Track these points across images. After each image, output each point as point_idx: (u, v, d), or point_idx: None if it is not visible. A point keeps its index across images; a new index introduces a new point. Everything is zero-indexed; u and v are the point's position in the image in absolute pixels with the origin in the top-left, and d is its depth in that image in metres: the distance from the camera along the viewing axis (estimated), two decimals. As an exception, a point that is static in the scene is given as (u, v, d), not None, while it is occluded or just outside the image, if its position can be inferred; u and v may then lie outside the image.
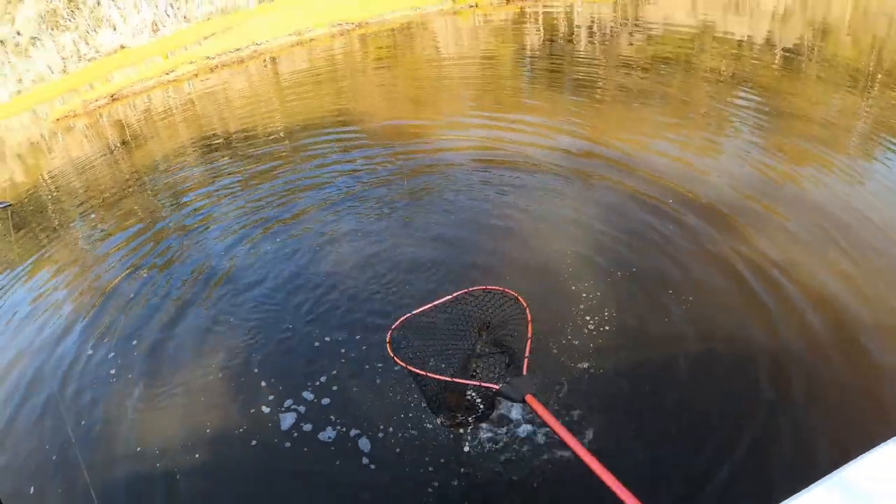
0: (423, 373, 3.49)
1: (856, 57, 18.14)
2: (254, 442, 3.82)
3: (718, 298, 4.42)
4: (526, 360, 3.25)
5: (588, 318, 4.37)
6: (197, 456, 3.83)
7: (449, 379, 3.41)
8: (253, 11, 26.90)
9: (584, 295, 4.60)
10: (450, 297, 4.00)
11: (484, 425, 3.71)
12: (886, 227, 5.10)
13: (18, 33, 32.76)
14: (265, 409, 4.05)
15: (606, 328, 4.27)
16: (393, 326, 3.90)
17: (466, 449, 3.71)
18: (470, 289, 3.91)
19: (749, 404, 3.54)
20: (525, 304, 3.66)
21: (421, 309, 4.01)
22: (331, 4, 23.49)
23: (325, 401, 4.06)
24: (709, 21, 21.79)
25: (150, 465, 3.85)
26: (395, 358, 3.57)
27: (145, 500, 3.66)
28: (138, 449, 4.01)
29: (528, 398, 2.83)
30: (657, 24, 20.86)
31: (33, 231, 9.04)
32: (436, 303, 3.98)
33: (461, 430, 3.74)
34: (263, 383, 4.32)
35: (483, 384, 3.17)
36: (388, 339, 3.73)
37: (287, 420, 3.93)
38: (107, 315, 5.75)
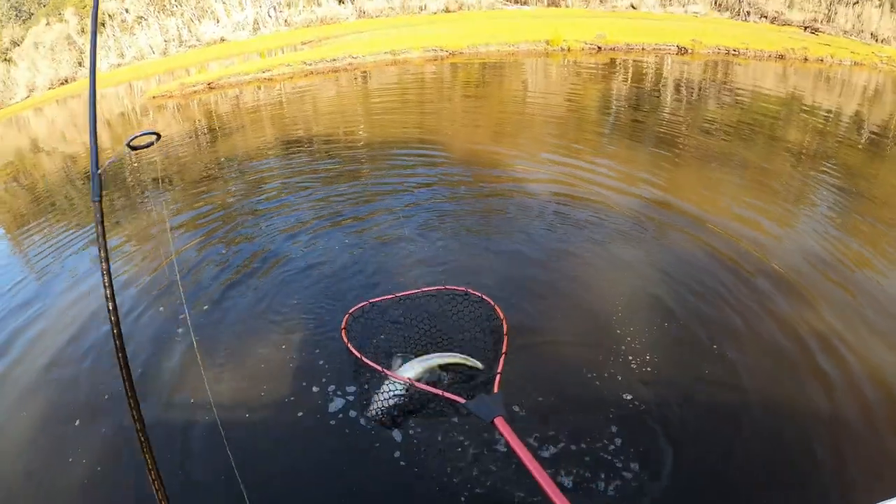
0: (382, 370, 3.23)
1: None
2: (300, 414, 3.89)
3: (774, 358, 4.40)
4: (498, 377, 3.04)
5: (631, 358, 4.31)
6: (246, 416, 3.94)
7: (410, 381, 3.20)
8: (352, 25, 27.72)
9: (630, 338, 4.53)
10: (422, 289, 3.84)
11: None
12: None
13: (127, 10, 34.48)
14: (315, 389, 4.09)
15: (649, 370, 4.21)
16: (350, 311, 3.76)
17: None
18: (447, 286, 3.75)
19: (793, 466, 3.49)
20: (502, 317, 3.51)
21: (386, 297, 3.83)
22: (427, 30, 24.01)
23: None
24: (798, 91, 21.47)
25: (201, 417, 3.95)
26: (350, 346, 3.40)
27: (193, 448, 3.72)
28: (192, 401, 4.11)
29: (498, 421, 2.59)
30: (745, 89, 20.63)
31: (111, 197, 9.31)
32: (405, 293, 3.79)
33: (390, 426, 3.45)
34: (321, 363, 4.35)
35: (448, 395, 2.92)
36: (343, 326, 3.62)
37: (336, 403, 3.94)
38: (170, 281, 5.93)
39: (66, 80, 32.36)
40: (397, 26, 25.62)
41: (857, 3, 48.76)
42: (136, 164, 11.21)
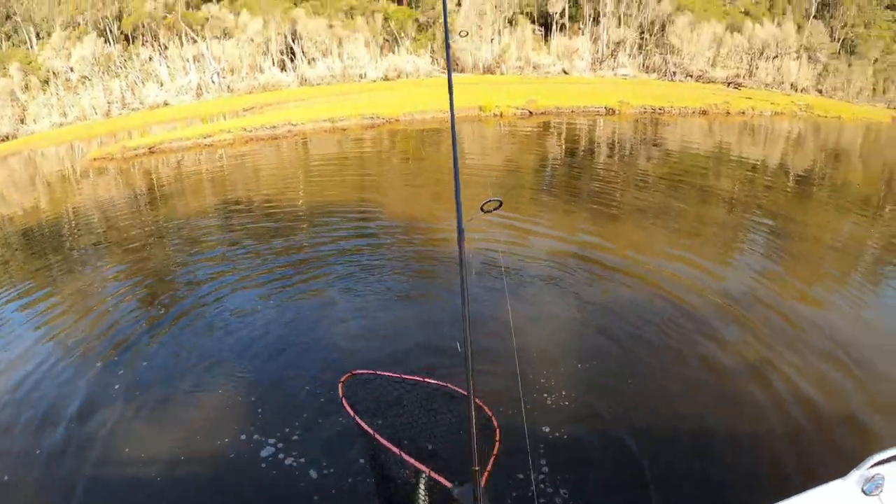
0: (376, 435, 3.29)
1: (866, 182, 19.11)
2: (232, 456, 4.34)
3: (713, 378, 5.39)
4: (487, 473, 2.99)
5: (574, 395, 4.98)
6: (181, 459, 4.37)
7: (399, 452, 3.23)
8: (293, 92, 28.61)
9: (574, 373, 5.24)
10: (424, 379, 3.96)
11: None
12: (864, 348, 6.23)
13: (72, 69, 34.69)
14: (252, 437, 4.55)
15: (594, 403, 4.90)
16: (354, 372, 3.91)
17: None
18: (449, 385, 3.85)
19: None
20: (496, 426, 3.59)
21: (389, 373, 3.96)
22: (366, 97, 25.02)
23: (299, 436, 4.56)
24: (724, 143, 23.00)
25: (135, 470, 4.31)
26: (347, 406, 3.51)
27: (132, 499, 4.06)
28: (127, 450, 4.50)
29: None
30: (673, 144, 22.00)
31: (47, 257, 9.60)
32: (406, 376, 3.92)
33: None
34: (259, 411, 4.83)
35: (435, 475, 2.93)
36: (341, 380, 3.78)
37: (267, 450, 4.38)
38: (106, 337, 6.31)
39: (7, 137, 32.13)
40: (337, 94, 26.66)
41: (777, 56, 52.47)
42: (75, 227, 11.49)
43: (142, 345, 6.18)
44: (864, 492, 2.98)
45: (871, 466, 3.11)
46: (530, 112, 26.07)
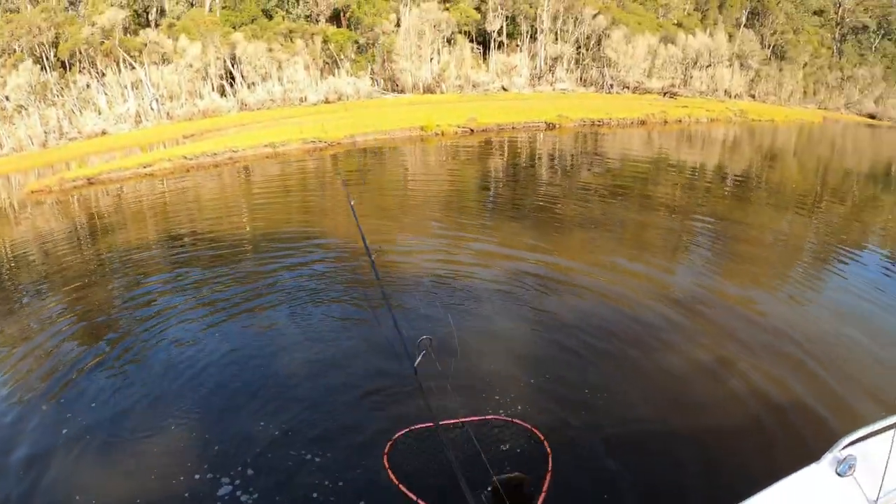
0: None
1: (802, 180, 20.06)
2: (187, 495, 4.47)
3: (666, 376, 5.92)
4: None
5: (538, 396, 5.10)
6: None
7: None
8: (234, 117, 28.67)
9: (531, 379, 5.43)
10: (467, 419, 3.62)
11: None
12: (813, 339, 6.96)
13: (7, 98, 33.89)
14: (206, 475, 4.68)
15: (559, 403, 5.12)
16: (396, 436, 3.53)
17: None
18: (490, 416, 3.52)
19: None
20: (549, 451, 3.32)
21: (425, 425, 3.57)
22: (307, 121, 25.27)
23: (255, 472, 4.71)
24: (663, 151, 23.84)
25: None
26: (395, 479, 3.19)
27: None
28: (77, 497, 4.54)
29: None
30: (615, 154, 22.66)
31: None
32: (447, 421, 3.55)
33: None
34: (213, 448, 4.97)
35: None
36: (385, 451, 3.41)
37: (223, 489, 4.52)
38: (51, 378, 6.29)
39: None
40: (278, 118, 26.84)
41: (710, 65, 54.57)
42: (13, 262, 11.41)
43: (87, 384, 6.12)
44: (837, 473, 3.12)
45: (843, 448, 3.27)
46: (471, 130, 26.71)
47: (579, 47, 47.34)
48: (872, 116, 66.47)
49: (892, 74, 72.13)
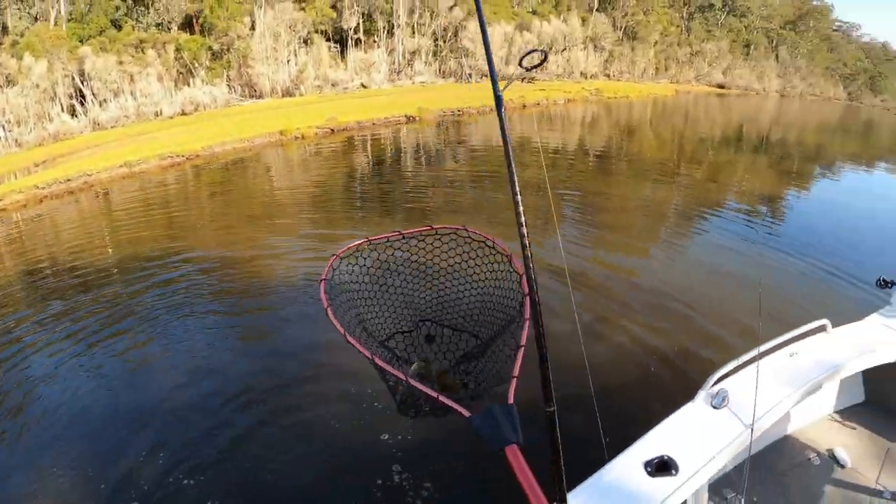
0: (372, 356, 2.24)
1: (659, 148, 21.91)
2: None
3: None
4: (514, 382, 2.20)
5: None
6: None
7: (396, 374, 2.30)
8: (88, 138, 27.95)
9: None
10: (414, 230, 2.92)
11: None
12: (685, 290, 8.20)
13: None
14: None
15: None
16: (338, 253, 2.79)
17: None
18: (439, 227, 2.88)
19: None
20: (526, 291, 2.43)
21: (378, 237, 2.83)
22: (164, 135, 25.22)
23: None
24: (524, 134, 25.72)
25: None
26: (334, 319, 2.50)
27: None
28: None
29: (509, 451, 1.86)
30: (477, 141, 24.00)
31: None
32: (398, 233, 2.88)
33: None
34: (100, 487, 5.05)
35: (446, 401, 2.09)
36: (323, 277, 2.69)
37: None
38: None
39: None
40: (133, 135, 26.33)
41: (565, 49, 57.61)
42: None
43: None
44: (713, 406, 3.37)
45: (714, 384, 3.55)
46: (332, 130, 27.49)
47: (437, 40, 48.82)
48: (721, 86, 73.21)
49: (737, 47, 79.66)
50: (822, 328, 4.29)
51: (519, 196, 2.27)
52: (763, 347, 3.52)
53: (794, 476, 4.01)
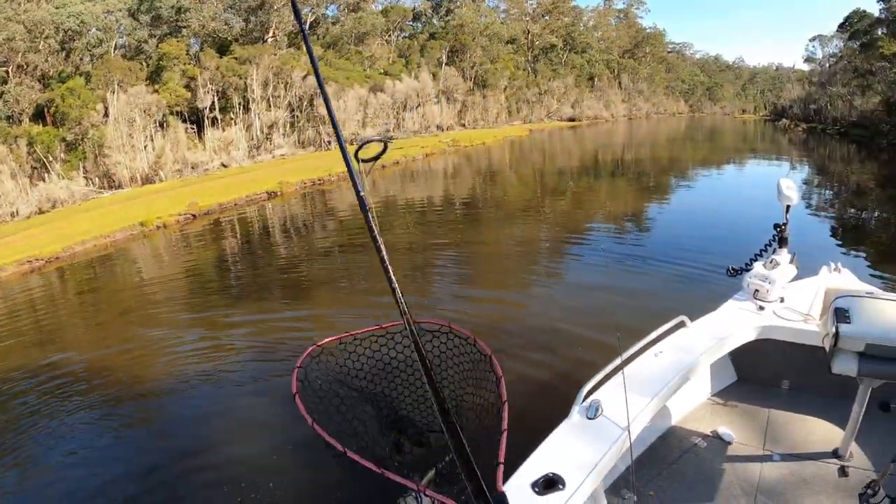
0: (344, 450, 2.41)
1: (521, 187, 22.49)
2: None
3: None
4: (501, 467, 2.15)
5: None
6: None
7: (374, 467, 2.37)
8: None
9: None
10: (387, 325, 3.07)
11: None
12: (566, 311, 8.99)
13: None
14: None
15: None
16: (309, 351, 2.96)
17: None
18: (421, 320, 2.83)
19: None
20: (500, 373, 2.73)
21: (342, 336, 2.91)
22: (18, 240, 24.88)
23: None
24: (388, 195, 25.97)
25: None
26: (306, 414, 2.60)
27: None
28: None
29: None
30: (342, 208, 24.86)
31: None
32: (366, 329, 2.99)
33: None
34: None
35: (430, 493, 1.99)
36: (294, 378, 2.76)
37: None
38: None
39: None
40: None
41: (420, 105, 60.73)
42: None
43: None
44: (588, 418, 3.40)
45: (585, 397, 3.58)
46: (194, 216, 27.41)
47: (293, 110, 50.32)
48: (572, 119, 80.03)
49: (583, 81, 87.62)
50: (681, 324, 4.57)
51: (388, 262, 2.43)
52: (627, 353, 3.72)
53: (686, 462, 4.12)
